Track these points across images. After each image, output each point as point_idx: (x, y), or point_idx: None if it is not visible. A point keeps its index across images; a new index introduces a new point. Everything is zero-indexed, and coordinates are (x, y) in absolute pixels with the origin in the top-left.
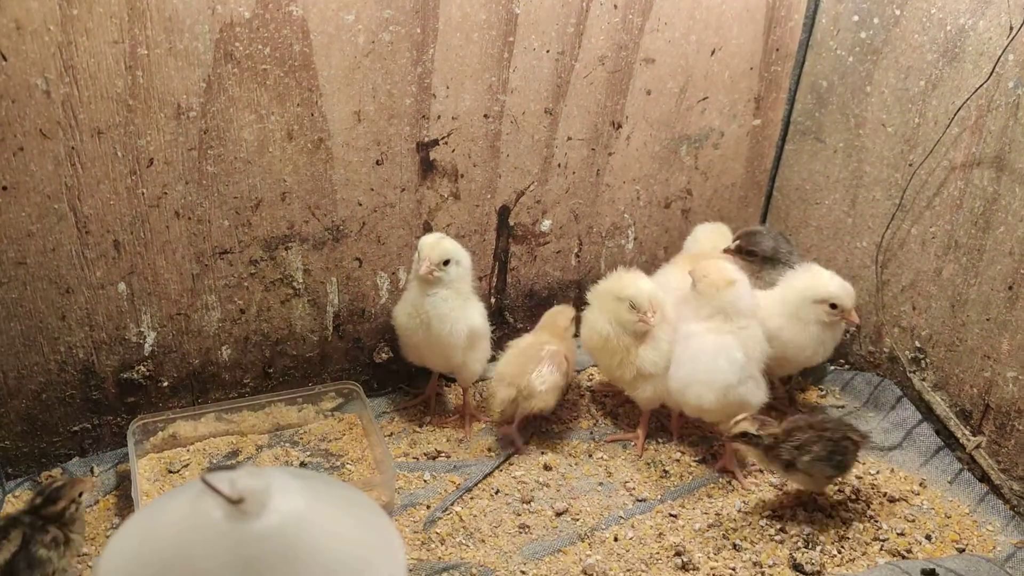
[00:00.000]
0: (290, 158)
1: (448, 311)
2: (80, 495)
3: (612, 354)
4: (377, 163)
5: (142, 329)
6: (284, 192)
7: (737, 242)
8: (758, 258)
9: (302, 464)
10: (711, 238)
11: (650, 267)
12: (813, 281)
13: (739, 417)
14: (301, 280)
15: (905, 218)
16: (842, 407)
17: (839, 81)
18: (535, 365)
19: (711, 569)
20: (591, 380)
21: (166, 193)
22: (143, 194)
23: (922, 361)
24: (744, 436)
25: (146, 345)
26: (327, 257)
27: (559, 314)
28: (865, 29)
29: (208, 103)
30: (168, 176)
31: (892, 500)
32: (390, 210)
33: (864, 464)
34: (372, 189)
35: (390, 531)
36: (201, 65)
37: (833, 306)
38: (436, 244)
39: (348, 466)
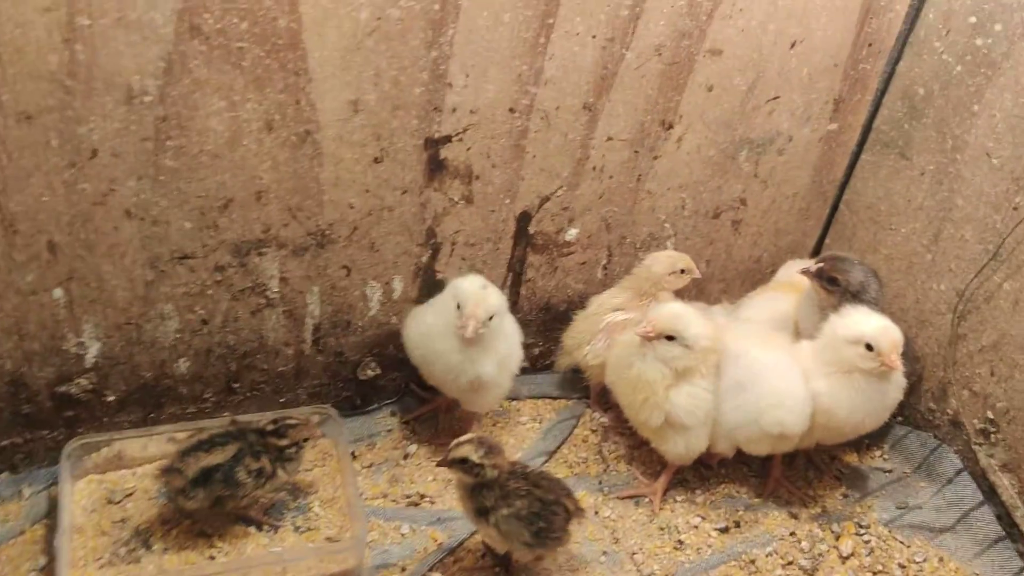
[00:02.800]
0: (268, 152)
1: (458, 363)
2: (305, 440)
3: (636, 389)
4: (375, 161)
5: (83, 339)
6: (260, 191)
7: (820, 265)
8: (839, 289)
9: (269, 507)
10: None
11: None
12: (847, 319)
13: (463, 438)
14: (276, 289)
15: (999, 269)
16: (889, 471)
17: (940, 91)
18: (591, 337)
19: None
20: (602, 415)
21: (114, 189)
22: (85, 190)
23: (992, 435)
24: (463, 462)
25: (88, 356)
26: (309, 264)
27: (654, 262)
28: (982, 35)
29: (168, 86)
30: (116, 170)
31: None
32: (388, 214)
33: (909, 547)
34: (367, 190)
35: None
36: (160, 41)
37: (869, 347)
38: (483, 299)
39: (316, 509)
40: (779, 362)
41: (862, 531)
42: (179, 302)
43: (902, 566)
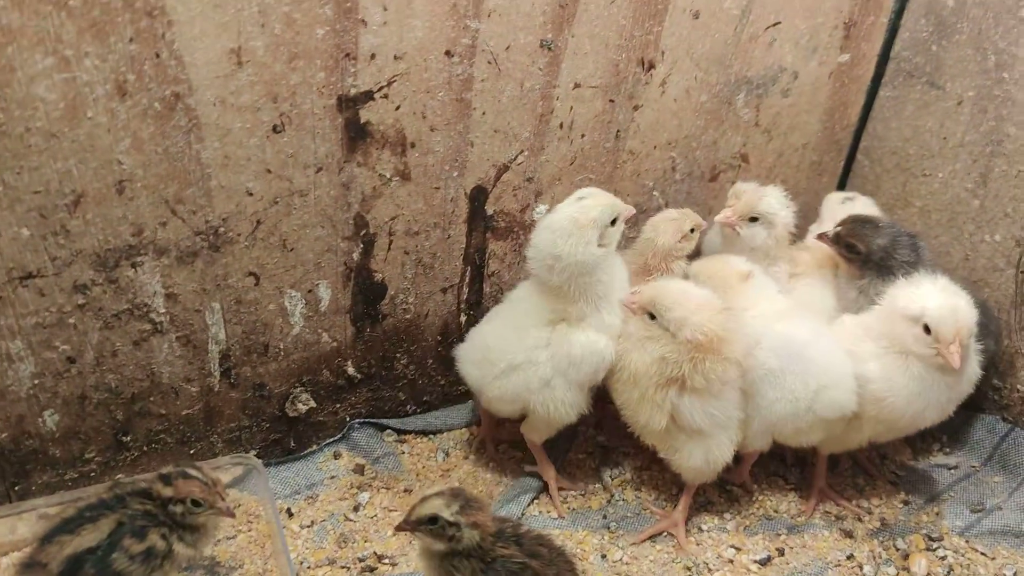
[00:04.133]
0: (125, 127)
1: None
2: (197, 498)
3: (632, 385)
4: (274, 130)
5: None
6: (121, 180)
7: (838, 229)
8: (860, 258)
9: None
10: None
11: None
12: (910, 289)
13: (431, 492)
14: (163, 309)
15: None
16: (954, 467)
17: None
18: None
19: None
20: (598, 431)
21: None
22: None
23: None
24: (432, 522)
25: None
26: (202, 274)
27: (657, 232)
28: None
29: None
30: None
31: None
32: (300, 201)
33: (994, 559)
34: (269, 171)
35: None
36: None
37: (927, 330)
38: None
39: None
40: (814, 334)
41: (934, 545)
42: (30, 337)
43: None
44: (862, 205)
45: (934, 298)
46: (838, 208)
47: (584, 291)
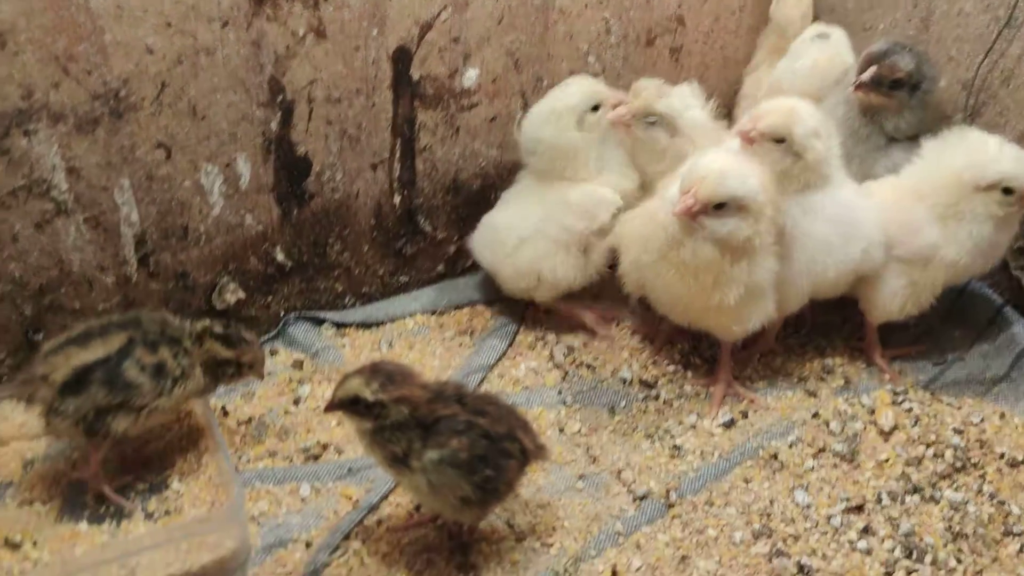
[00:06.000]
0: None
1: None
2: (249, 367)
3: (702, 271)
4: None
5: None
6: (1, 32)
7: (873, 70)
8: (903, 90)
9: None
10: None
11: None
12: (974, 157)
13: (351, 371)
14: (65, 186)
15: (1015, 38)
16: (913, 325)
17: None
18: None
19: None
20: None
21: None
22: None
23: None
24: (354, 403)
25: None
26: (106, 145)
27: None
28: None
29: None
30: None
31: (1014, 464)
32: (207, 60)
33: (960, 408)
34: (169, 23)
35: None
36: None
37: (1008, 191)
38: None
39: (175, 486)
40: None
41: (899, 398)
42: None
43: (958, 431)
44: (838, 39)
45: (1008, 158)
46: (810, 47)
47: (575, 172)
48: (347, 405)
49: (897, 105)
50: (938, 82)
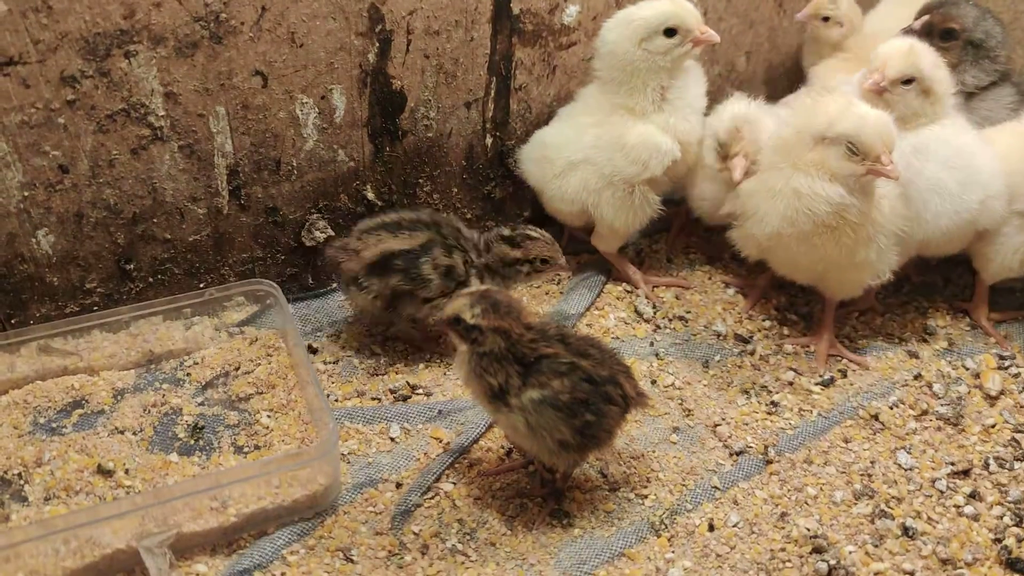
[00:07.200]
0: None
1: None
2: (542, 262)
3: (839, 235)
4: None
5: None
6: None
7: (926, 19)
8: (958, 43)
9: (195, 427)
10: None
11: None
12: None
13: (464, 291)
14: (162, 111)
15: None
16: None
17: None
18: None
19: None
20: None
21: None
22: None
23: None
24: (455, 322)
25: None
26: (204, 70)
27: None
28: None
29: None
30: None
31: None
32: None
33: None
34: None
35: None
36: None
37: None
38: None
39: (264, 421)
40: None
41: (1005, 363)
42: (16, 138)
43: None
44: None
45: None
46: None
47: (630, 96)
48: (450, 323)
49: (954, 59)
50: (1007, 44)
